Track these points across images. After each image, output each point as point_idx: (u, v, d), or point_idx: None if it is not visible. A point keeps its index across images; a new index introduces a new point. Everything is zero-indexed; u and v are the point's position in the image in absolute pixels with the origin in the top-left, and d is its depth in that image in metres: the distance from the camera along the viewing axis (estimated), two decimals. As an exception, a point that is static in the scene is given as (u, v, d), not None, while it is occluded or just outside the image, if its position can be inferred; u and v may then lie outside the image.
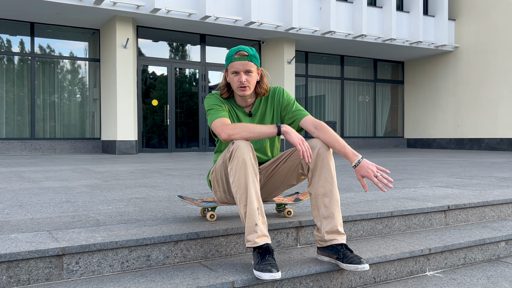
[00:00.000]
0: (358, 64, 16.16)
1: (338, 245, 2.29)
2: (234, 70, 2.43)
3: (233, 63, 2.43)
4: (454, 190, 4.06)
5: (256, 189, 2.18)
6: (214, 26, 11.87)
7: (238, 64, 2.42)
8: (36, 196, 3.67)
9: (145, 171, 6.09)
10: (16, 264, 1.99)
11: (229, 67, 2.45)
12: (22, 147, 11.39)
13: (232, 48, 2.48)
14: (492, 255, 3.05)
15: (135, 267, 2.23)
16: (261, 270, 2.02)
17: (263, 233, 2.12)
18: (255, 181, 2.19)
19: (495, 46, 13.93)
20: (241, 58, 2.42)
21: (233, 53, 2.44)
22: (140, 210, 3.00)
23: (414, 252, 2.64)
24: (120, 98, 11.12)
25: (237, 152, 2.21)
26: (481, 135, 14.49)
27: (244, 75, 2.42)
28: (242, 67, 2.42)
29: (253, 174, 2.19)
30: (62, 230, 2.40)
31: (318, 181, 2.34)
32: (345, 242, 2.31)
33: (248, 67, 2.43)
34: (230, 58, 2.45)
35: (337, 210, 2.33)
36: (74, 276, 2.10)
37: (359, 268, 2.17)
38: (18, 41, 11.42)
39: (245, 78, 2.42)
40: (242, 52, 2.43)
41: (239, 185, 2.18)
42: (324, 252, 2.34)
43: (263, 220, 2.16)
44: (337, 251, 2.27)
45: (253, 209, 2.14)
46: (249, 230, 2.13)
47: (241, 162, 2.18)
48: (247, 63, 2.42)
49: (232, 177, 2.22)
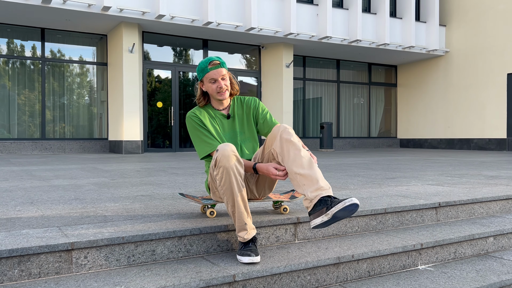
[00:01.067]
0: (353, 68, 16.15)
1: (325, 197, 2.18)
2: (211, 79, 2.57)
3: (208, 73, 2.56)
4: (444, 188, 4.06)
5: (241, 193, 2.26)
6: (216, 32, 11.87)
7: (214, 73, 2.56)
8: (46, 194, 3.67)
9: (150, 170, 6.08)
10: (27, 259, 1.99)
11: (206, 78, 2.58)
12: (33, 147, 11.38)
13: (202, 61, 2.60)
14: (481, 250, 3.05)
15: (140, 261, 2.23)
16: (242, 254, 2.23)
17: (251, 228, 2.27)
18: (240, 186, 2.25)
19: (484, 51, 13.92)
20: (215, 67, 2.56)
21: (206, 65, 2.57)
22: (146, 207, 3.00)
23: (406, 247, 2.64)
24: (127, 100, 11.12)
25: (221, 161, 2.25)
26: (470, 135, 14.48)
27: (221, 81, 2.57)
28: (218, 75, 2.56)
29: (238, 179, 2.25)
30: (71, 226, 2.40)
31: (288, 160, 2.31)
32: (331, 194, 2.21)
33: (223, 73, 2.57)
34: (204, 69, 2.57)
35: (313, 169, 2.25)
36: (83, 270, 2.10)
37: (347, 202, 2.07)
38: (29, 46, 11.42)
39: (223, 83, 2.57)
40: (215, 62, 2.56)
41: (225, 190, 2.26)
42: (315, 213, 2.19)
43: (249, 216, 2.29)
44: (325, 202, 2.16)
45: (241, 211, 2.25)
46: (239, 228, 2.27)
47: (225, 170, 2.23)
48: (221, 70, 2.57)
49: (218, 182, 2.28)
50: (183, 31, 11.90)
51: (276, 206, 2.87)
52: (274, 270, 2.19)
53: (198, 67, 2.61)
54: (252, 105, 2.72)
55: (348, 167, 6.57)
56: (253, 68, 13.68)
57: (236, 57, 13.41)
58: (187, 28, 11.47)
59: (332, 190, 2.27)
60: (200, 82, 2.64)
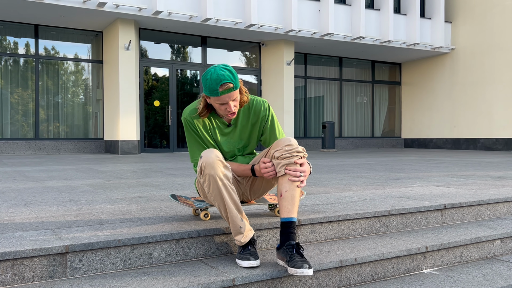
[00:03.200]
0: (356, 66, 16.15)
1: (290, 245, 2.22)
2: (221, 102, 2.33)
3: (219, 97, 2.30)
4: (450, 189, 4.06)
5: (232, 196, 2.24)
6: (214, 28, 11.87)
7: (225, 97, 2.30)
8: (40, 195, 3.67)
9: (147, 171, 6.09)
10: (20, 262, 1.99)
11: (214, 99, 2.33)
12: (27, 147, 11.39)
13: (211, 77, 2.28)
14: (488, 253, 3.05)
15: (137, 265, 2.23)
16: (241, 258, 2.22)
17: (247, 230, 2.25)
18: (229, 190, 2.24)
19: (491, 48, 13.92)
20: (228, 91, 2.29)
21: (216, 87, 2.27)
22: (142, 209, 3.00)
23: (411, 250, 2.64)
24: (123, 99, 11.12)
25: (206, 169, 2.22)
26: (477, 135, 14.48)
27: (231, 103, 2.33)
28: (229, 98, 2.31)
29: (226, 184, 2.23)
30: (65, 228, 2.40)
31: None
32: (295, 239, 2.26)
33: (235, 95, 2.33)
34: (214, 92, 2.29)
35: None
36: (78, 274, 2.10)
37: (298, 272, 2.07)
38: (23, 43, 11.42)
39: (233, 105, 2.35)
40: (228, 86, 2.27)
41: (215, 196, 2.25)
42: (279, 253, 2.26)
43: (245, 218, 2.27)
44: (288, 250, 2.20)
45: (234, 215, 2.24)
46: (235, 232, 2.25)
47: (211, 177, 2.21)
48: (233, 94, 2.31)
49: (206, 188, 2.26)
50: (181, 28, 11.90)
51: (271, 208, 2.86)
52: (274, 274, 2.18)
53: (207, 84, 2.29)
54: (261, 115, 2.53)
55: (351, 168, 6.57)
56: (253, 66, 13.68)
57: (236, 54, 13.41)
58: (185, 24, 11.47)
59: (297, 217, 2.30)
60: (207, 96, 2.38)
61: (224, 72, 2.28)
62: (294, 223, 2.25)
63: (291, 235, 2.21)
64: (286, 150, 2.31)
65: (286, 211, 2.26)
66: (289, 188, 2.28)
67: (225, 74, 2.28)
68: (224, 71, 2.29)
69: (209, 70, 2.32)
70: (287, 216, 2.25)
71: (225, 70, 2.29)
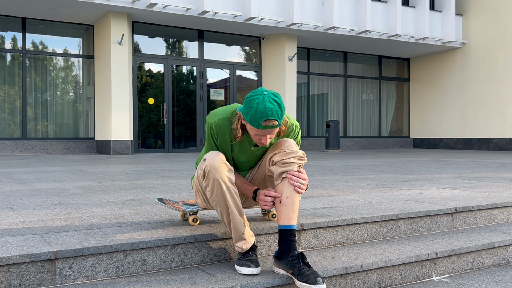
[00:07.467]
0: (362, 61, 16.16)
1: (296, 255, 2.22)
2: (258, 134, 2.25)
3: (259, 130, 2.21)
4: (461, 191, 4.06)
5: (236, 201, 2.26)
6: (212, 22, 11.88)
7: (265, 132, 2.23)
8: (27, 198, 3.67)
9: (141, 172, 6.09)
10: (7, 269, 1.99)
11: (252, 128, 2.23)
12: (13, 147, 11.39)
13: (256, 108, 2.16)
14: (501, 260, 3.05)
15: (130, 272, 2.23)
16: (241, 265, 2.24)
17: (249, 237, 2.28)
18: (234, 195, 2.25)
19: (505, 42, 13.93)
20: (270, 127, 2.21)
21: (260, 121, 2.17)
22: (136, 213, 3.00)
23: (420, 256, 2.64)
24: (115, 97, 11.12)
25: (210, 172, 2.23)
26: (490, 134, 14.49)
27: (268, 136, 2.26)
28: (268, 133, 2.24)
29: (231, 189, 2.25)
30: (54, 233, 2.40)
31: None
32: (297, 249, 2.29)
33: (275, 131, 2.27)
34: (255, 123, 2.19)
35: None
36: (67, 281, 2.10)
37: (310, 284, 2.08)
38: (9, 37, 11.43)
39: (269, 137, 2.28)
40: (272, 123, 2.18)
41: (218, 201, 2.26)
42: (277, 259, 2.29)
43: (247, 224, 2.30)
44: (293, 262, 2.20)
45: (236, 221, 2.25)
46: (237, 238, 2.27)
47: (216, 181, 2.22)
48: (274, 130, 2.25)
49: (209, 193, 2.27)
50: (177, 21, 11.91)
51: (264, 213, 2.87)
52: (275, 282, 2.19)
53: (250, 112, 2.17)
54: (291, 136, 2.49)
55: (357, 169, 6.58)
56: (253, 61, 13.69)
57: (235, 49, 13.42)
58: (181, 17, 11.48)
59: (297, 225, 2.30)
60: (244, 120, 2.28)
61: (273, 106, 2.17)
62: (294, 230, 2.27)
63: (292, 244, 2.23)
64: (286, 153, 2.32)
65: (287, 218, 2.26)
66: (290, 194, 2.28)
67: (273, 109, 2.17)
68: (274, 104, 2.18)
69: (256, 96, 2.19)
70: (287, 223, 2.26)
71: (275, 104, 2.18)
